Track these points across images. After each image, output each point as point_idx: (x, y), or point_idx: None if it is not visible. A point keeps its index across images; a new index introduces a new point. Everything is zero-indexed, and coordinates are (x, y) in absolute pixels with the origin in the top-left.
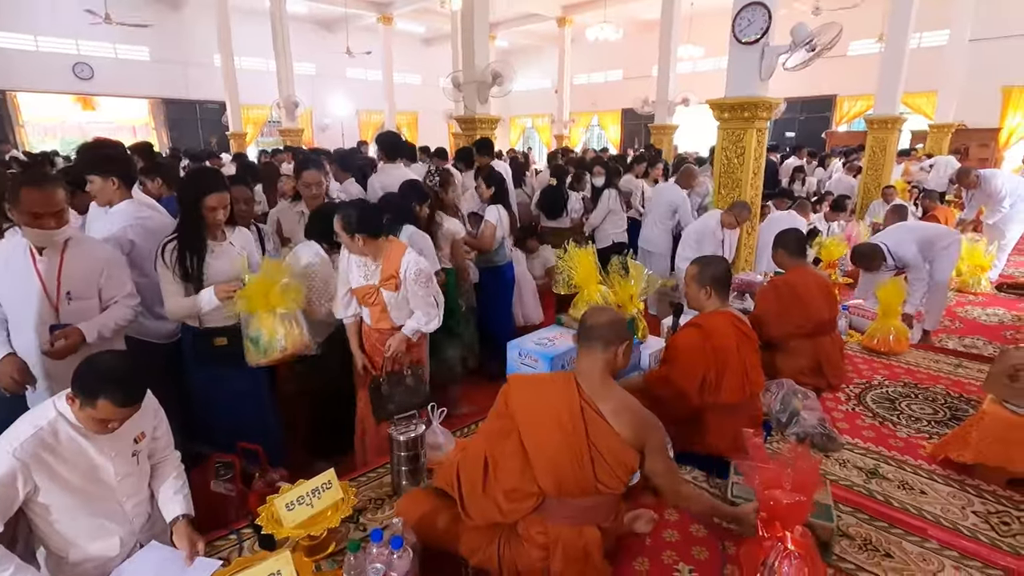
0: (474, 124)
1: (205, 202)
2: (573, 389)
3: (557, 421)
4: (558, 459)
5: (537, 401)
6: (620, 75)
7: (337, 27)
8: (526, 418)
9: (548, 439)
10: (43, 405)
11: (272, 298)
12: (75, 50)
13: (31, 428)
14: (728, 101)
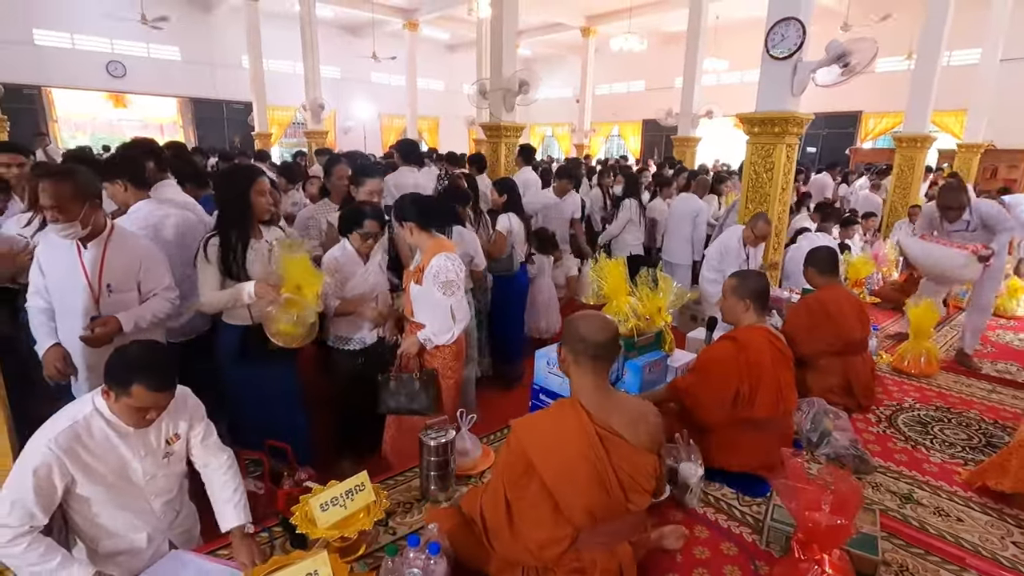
0: (499, 131)
1: (254, 188)
2: (584, 416)
3: (579, 454)
4: (589, 492)
5: (552, 440)
6: (642, 86)
7: (363, 32)
8: (545, 460)
9: (574, 476)
10: (82, 399)
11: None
12: (109, 48)
13: (68, 421)
14: (758, 115)
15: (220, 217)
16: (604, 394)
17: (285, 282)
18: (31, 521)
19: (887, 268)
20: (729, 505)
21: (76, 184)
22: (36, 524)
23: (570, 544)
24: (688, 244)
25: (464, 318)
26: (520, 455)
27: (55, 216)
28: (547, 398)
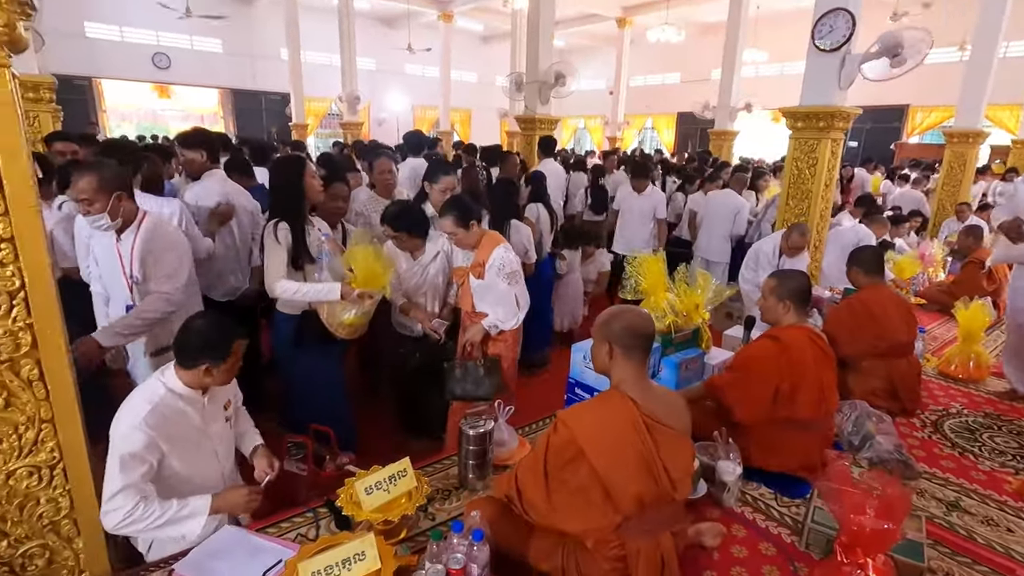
0: (534, 124)
1: (306, 174)
2: (631, 406)
3: (628, 442)
4: (638, 479)
5: (602, 429)
6: (678, 78)
7: (398, 23)
8: (596, 448)
9: (624, 464)
10: (150, 382)
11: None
12: (155, 41)
13: (147, 403)
14: (802, 110)
15: (275, 204)
16: (646, 384)
17: (356, 272)
18: (139, 494)
19: (934, 268)
20: (767, 505)
21: (102, 177)
22: (143, 495)
23: (616, 529)
24: (726, 241)
25: (526, 304)
26: (569, 442)
27: (85, 208)
28: (583, 392)
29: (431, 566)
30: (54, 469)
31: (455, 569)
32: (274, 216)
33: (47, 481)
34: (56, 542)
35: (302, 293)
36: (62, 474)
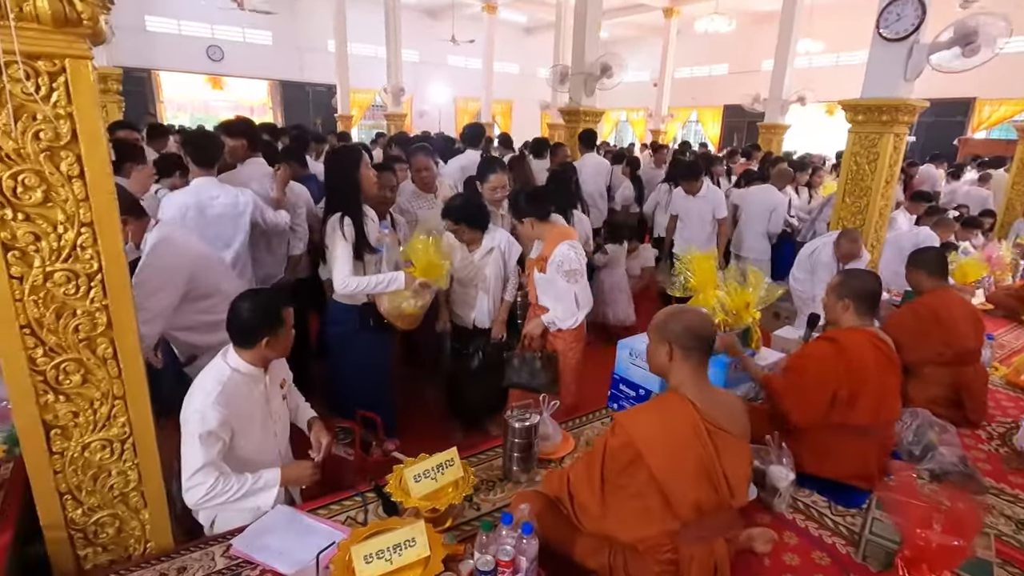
0: (578, 116)
1: (362, 165)
2: (692, 411)
3: (689, 448)
4: (698, 487)
5: (662, 434)
6: (725, 69)
7: (442, 15)
8: (656, 454)
9: (683, 471)
10: (216, 363)
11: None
12: (209, 34)
13: (217, 384)
14: (864, 102)
15: (333, 197)
16: (706, 388)
17: (416, 263)
18: (217, 471)
19: (1001, 271)
20: (820, 513)
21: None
22: (221, 470)
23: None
24: (763, 239)
25: (588, 303)
26: (627, 447)
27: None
28: (627, 388)
29: (480, 556)
30: (124, 443)
31: (504, 560)
32: (333, 209)
33: (118, 454)
34: (125, 512)
35: (371, 286)
36: (132, 448)
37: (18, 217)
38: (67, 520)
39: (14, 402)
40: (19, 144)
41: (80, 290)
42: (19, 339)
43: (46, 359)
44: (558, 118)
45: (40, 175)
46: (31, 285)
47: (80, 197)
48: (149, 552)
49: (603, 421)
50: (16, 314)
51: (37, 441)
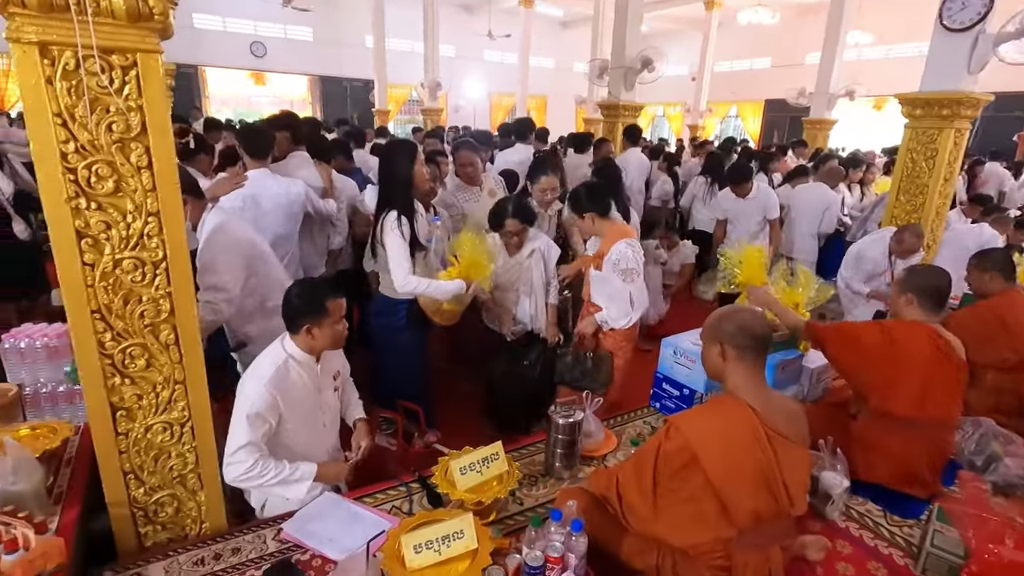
0: (617, 111)
1: (416, 161)
2: (751, 415)
3: (748, 454)
4: (756, 494)
5: (720, 438)
6: (768, 63)
7: (478, 10)
8: (713, 459)
9: (742, 477)
10: (272, 349)
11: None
12: (253, 30)
13: (271, 367)
14: (923, 96)
15: (386, 192)
16: (765, 391)
17: (460, 260)
18: (259, 452)
19: None
20: (875, 523)
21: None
22: (262, 452)
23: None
24: (813, 239)
25: (642, 304)
26: (683, 449)
27: None
28: (671, 388)
29: (529, 551)
30: (184, 426)
31: (554, 557)
32: (386, 206)
33: (178, 437)
34: (183, 493)
35: (431, 289)
36: (190, 432)
37: (91, 206)
38: (130, 498)
39: (84, 383)
40: (93, 136)
41: (146, 277)
42: (90, 323)
43: (114, 343)
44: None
45: (112, 166)
46: (101, 272)
47: (148, 187)
48: (204, 532)
49: (645, 420)
50: (88, 299)
51: (104, 422)
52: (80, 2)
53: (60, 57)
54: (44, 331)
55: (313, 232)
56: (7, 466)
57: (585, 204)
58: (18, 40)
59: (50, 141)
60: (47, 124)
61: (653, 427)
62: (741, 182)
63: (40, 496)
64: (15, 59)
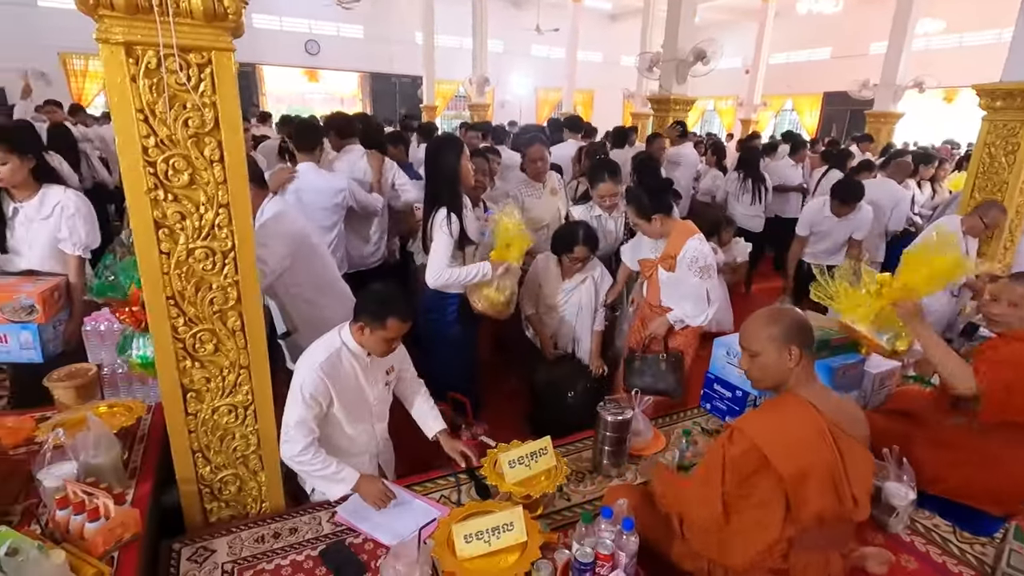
0: (668, 104)
1: (463, 156)
2: (813, 411)
3: (816, 454)
4: (822, 496)
5: (788, 439)
6: (827, 54)
7: (526, 5)
8: (783, 460)
9: (809, 477)
10: (329, 335)
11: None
12: (307, 29)
13: (324, 353)
14: (1004, 87)
15: (433, 189)
16: (823, 389)
17: (497, 241)
18: (311, 435)
19: None
20: (944, 539)
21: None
22: (315, 436)
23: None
24: (881, 239)
25: (717, 299)
26: (751, 453)
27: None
28: (723, 388)
29: (579, 547)
30: (247, 409)
31: (604, 554)
32: (435, 203)
33: (242, 419)
34: (245, 473)
35: (460, 277)
36: (253, 415)
37: (168, 198)
38: (198, 475)
39: (159, 365)
40: (171, 130)
41: (216, 266)
42: (165, 309)
43: (186, 328)
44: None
45: (187, 159)
46: (176, 260)
47: (219, 180)
48: (264, 511)
49: (695, 421)
50: (163, 286)
51: (176, 402)
52: (163, 3)
53: (143, 56)
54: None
55: (359, 223)
56: (89, 440)
57: (650, 206)
58: (107, 40)
59: (133, 136)
60: (131, 120)
61: (703, 428)
62: (851, 201)
63: (118, 470)
64: (103, 58)
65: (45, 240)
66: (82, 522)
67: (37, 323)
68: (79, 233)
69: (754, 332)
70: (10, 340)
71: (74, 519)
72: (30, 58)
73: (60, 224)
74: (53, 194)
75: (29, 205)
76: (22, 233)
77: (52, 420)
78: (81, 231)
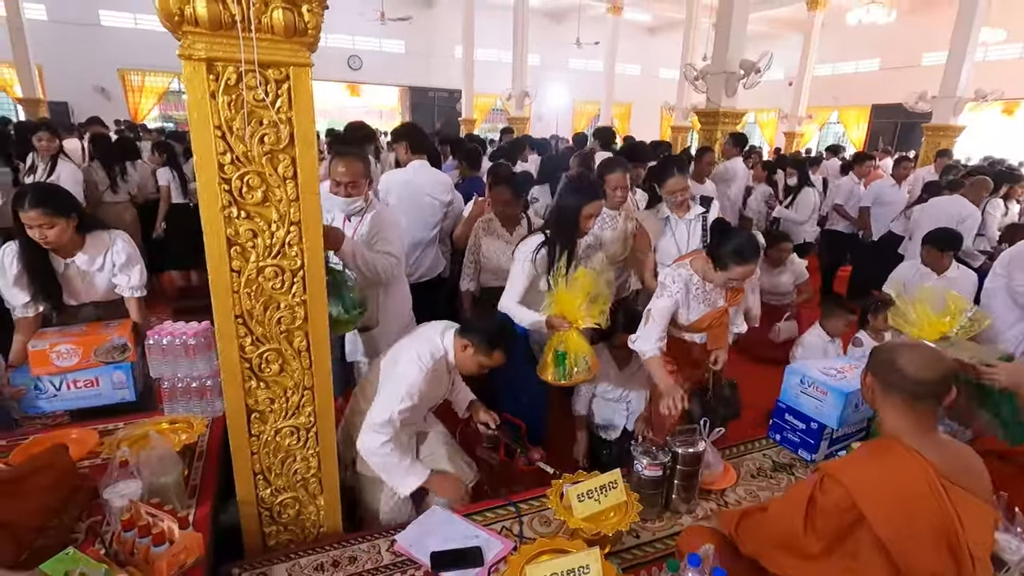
0: (716, 118)
1: (583, 211)
2: (922, 461)
3: (924, 511)
4: (937, 557)
5: (888, 491)
6: (876, 65)
7: (565, 18)
8: (883, 515)
9: (918, 537)
10: (429, 337)
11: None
12: (351, 44)
13: (431, 358)
14: None
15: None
16: (935, 437)
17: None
18: (395, 428)
19: None
20: None
21: (367, 165)
22: (396, 430)
23: None
24: None
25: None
26: (846, 507)
27: (348, 191)
28: (795, 419)
29: None
30: (309, 431)
31: None
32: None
33: (303, 441)
34: (304, 496)
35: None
36: (315, 437)
37: (241, 215)
38: (258, 498)
39: (225, 385)
40: (247, 147)
41: (285, 285)
42: (233, 327)
43: (253, 347)
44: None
45: (262, 176)
46: (246, 278)
47: (292, 198)
48: (322, 536)
49: (764, 453)
50: (233, 305)
51: (240, 423)
52: (245, 18)
53: (223, 72)
54: (183, 330)
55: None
56: (153, 459)
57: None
58: (190, 57)
59: (210, 152)
60: (209, 136)
61: (774, 460)
62: (948, 250)
63: (180, 490)
64: (184, 75)
65: (102, 286)
66: (147, 545)
67: (130, 361)
68: (135, 279)
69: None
70: (101, 382)
71: (139, 541)
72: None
73: (114, 271)
74: (99, 243)
75: (79, 260)
76: (77, 284)
77: (116, 436)
78: (136, 277)
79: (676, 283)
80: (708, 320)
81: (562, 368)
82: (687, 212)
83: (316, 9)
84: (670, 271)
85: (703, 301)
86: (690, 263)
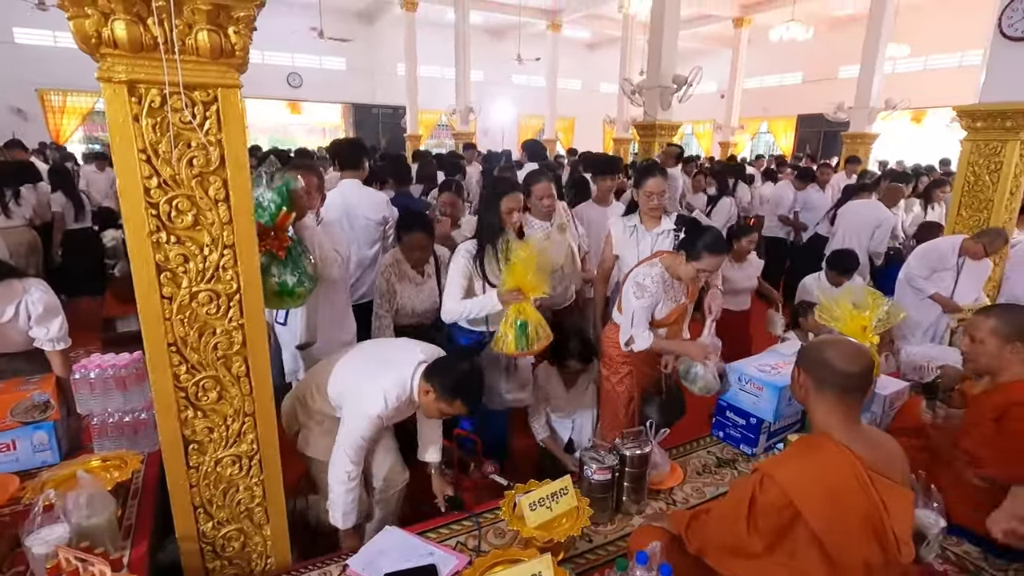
0: (654, 130)
1: (503, 204)
2: (850, 456)
3: (853, 503)
4: (866, 544)
5: (821, 485)
6: (799, 78)
7: (506, 35)
8: (816, 510)
9: (848, 527)
10: (404, 373)
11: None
12: (290, 62)
13: (395, 388)
14: (984, 107)
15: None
16: (857, 429)
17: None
18: (363, 451)
19: None
20: (977, 566)
21: (319, 177)
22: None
23: None
24: (864, 255)
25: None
26: (782, 504)
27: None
28: (736, 416)
29: None
30: (252, 459)
31: None
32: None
33: (246, 470)
34: (250, 527)
35: (468, 312)
36: (258, 465)
37: (170, 240)
38: (199, 533)
39: (160, 416)
40: (175, 171)
41: (220, 309)
42: (166, 356)
43: (188, 376)
44: (622, 132)
45: (191, 199)
46: (178, 305)
47: (224, 220)
48: (269, 568)
49: (709, 451)
50: (165, 332)
51: (177, 455)
52: (168, 41)
53: (146, 95)
54: (113, 361)
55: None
56: (82, 500)
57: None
58: (109, 80)
59: (135, 177)
60: (133, 160)
61: (718, 457)
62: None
63: (113, 530)
64: (105, 98)
65: (17, 339)
66: None
67: (52, 420)
68: (54, 330)
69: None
70: (20, 445)
71: None
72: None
73: (30, 324)
74: (10, 293)
75: None
76: None
77: (40, 479)
78: (55, 328)
79: (654, 282)
80: (674, 315)
81: (524, 338)
82: (657, 225)
83: (243, 31)
84: (644, 271)
85: (672, 297)
86: (659, 261)
